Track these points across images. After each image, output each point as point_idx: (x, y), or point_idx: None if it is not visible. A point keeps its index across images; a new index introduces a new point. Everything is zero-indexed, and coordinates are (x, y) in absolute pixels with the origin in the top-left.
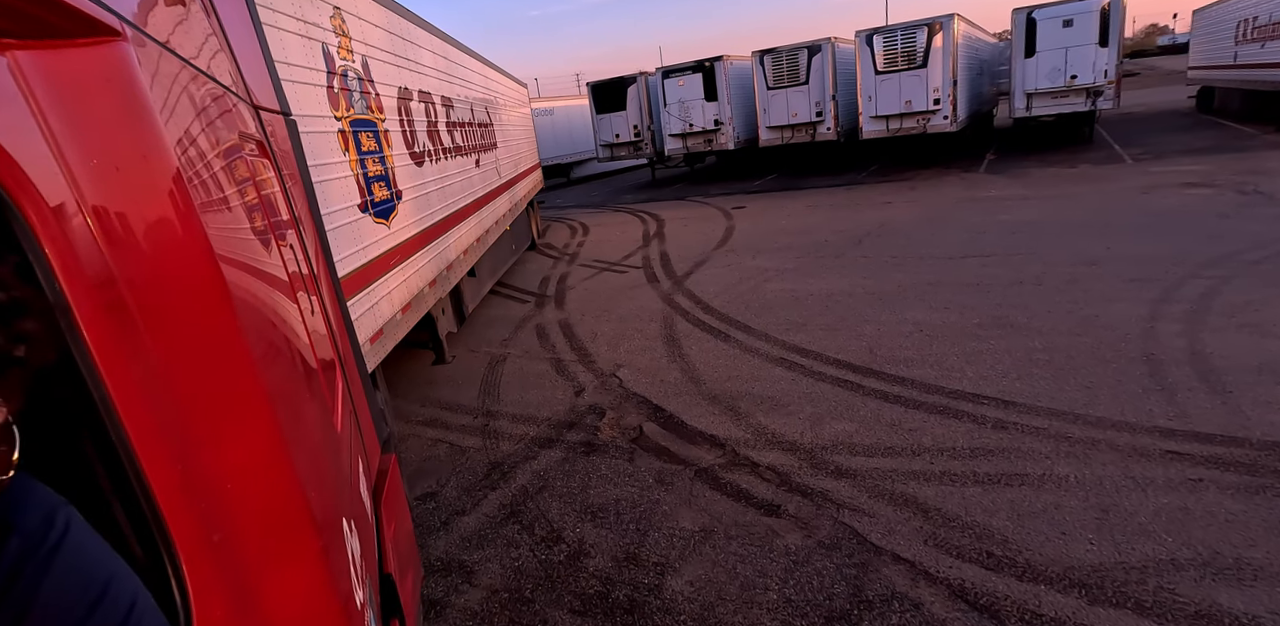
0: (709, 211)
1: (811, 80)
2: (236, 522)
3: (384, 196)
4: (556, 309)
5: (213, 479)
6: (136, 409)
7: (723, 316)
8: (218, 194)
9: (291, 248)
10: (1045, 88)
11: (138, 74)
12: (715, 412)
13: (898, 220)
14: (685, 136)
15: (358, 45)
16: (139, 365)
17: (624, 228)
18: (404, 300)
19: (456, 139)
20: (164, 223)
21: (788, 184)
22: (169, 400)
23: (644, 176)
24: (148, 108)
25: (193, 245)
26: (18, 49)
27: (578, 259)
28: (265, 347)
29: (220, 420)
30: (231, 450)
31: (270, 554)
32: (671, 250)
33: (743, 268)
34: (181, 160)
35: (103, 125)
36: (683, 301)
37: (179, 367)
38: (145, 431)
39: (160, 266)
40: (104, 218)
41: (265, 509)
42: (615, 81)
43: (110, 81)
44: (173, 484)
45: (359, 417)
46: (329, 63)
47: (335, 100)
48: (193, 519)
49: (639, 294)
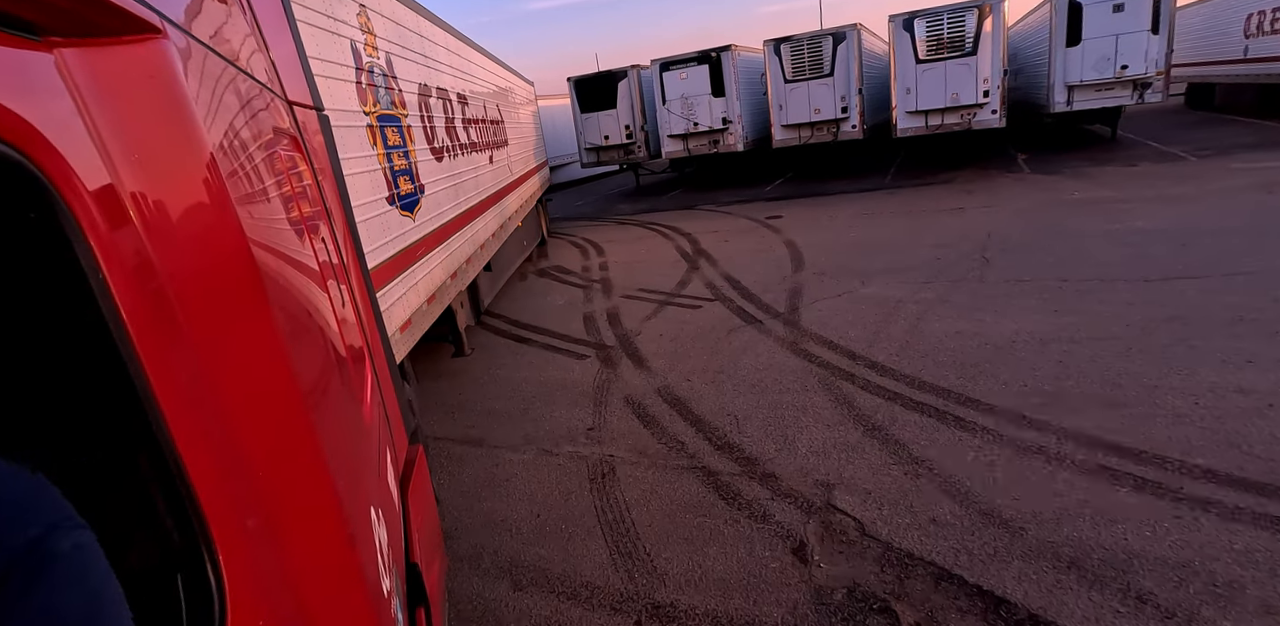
0: (741, 223)
1: (836, 72)
2: (270, 509)
3: (409, 190)
4: (636, 368)
5: (247, 466)
6: (176, 397)
7: (910, 379)
8: (254, 187)
9: (323, 239)
10: (1091, 79)
11: (178, 70)
12: (1091, 598)
13: (1002, 230)
14: (687, 137)
15: (382, 42)
16: (178, 354)
17: (646, 245)
18: (429, 291)
19: (472, 135)
20: (202, 215)
21: (807, 189)
22: (207, 388)
23: (624, 183)
24: (187, 103)
25: (230, 237)
26: (64, 47)
27: (614, 288)
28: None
29: (255, 409)
30: (265, 438)
31: (301, 540)
32: (737, 274)
33: (865, 298)
34: (219, 154)
35: (144, 120)
36: (825, 354)
37: (216, 357)
38: (184, 419)
39: (199, 258)
40: (145, 210)
41: (297, 496)
42: (603, 76)
43: (152, 78)
44: (209, 470)
45: (387, 408)
46: (357, 59)
47: (364, 95)
48: (228, 504)
49: (746, 341)
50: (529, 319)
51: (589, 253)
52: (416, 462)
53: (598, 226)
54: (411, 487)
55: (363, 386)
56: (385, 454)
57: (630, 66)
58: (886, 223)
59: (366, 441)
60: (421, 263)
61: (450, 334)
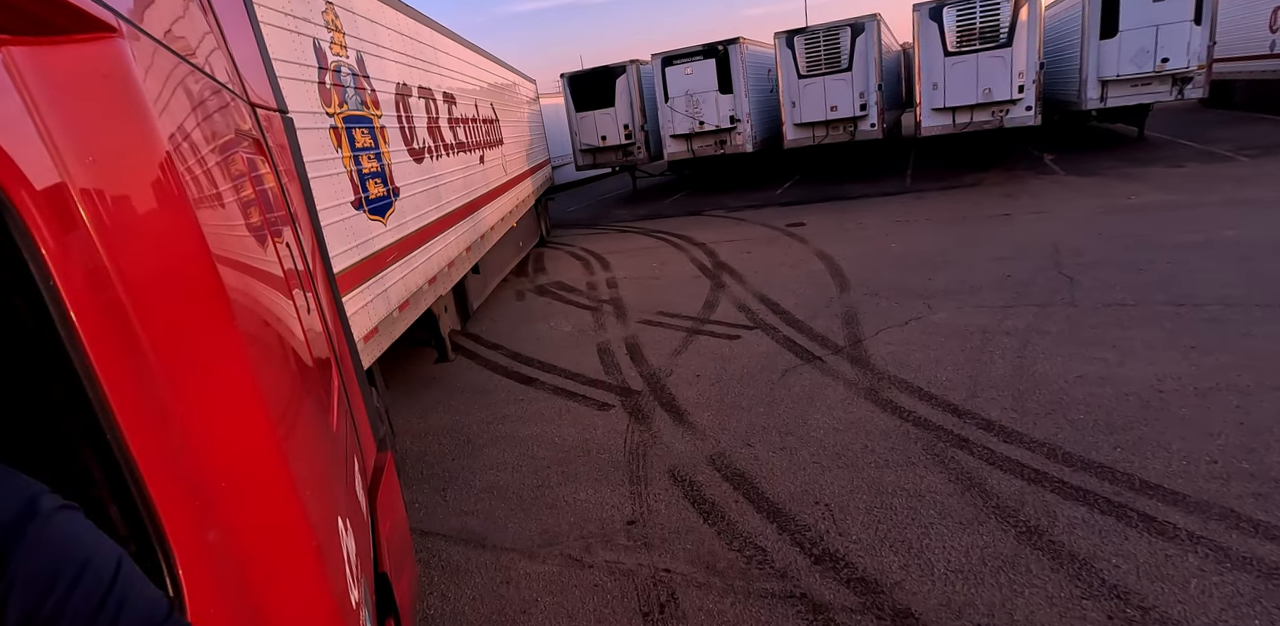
0: (759, 231)
1: (855, 66)
2: (231, 521)
3: (380, 193)
4: (676, 424)
5: (208, 477)
6: (131, 406)
7: (1048, 449)
8: (214, 191)
9: (288, 245)
10: (1129, 74)
11: (133, 70)
12: None
13: (1069, 240)
14: (691, 137)
15: (351, 40)
16: (134, 362)
17: (658, 257)
18: (401, 297)
19: (459, 135)
20: (160, 220)
21: (822, 192)
22: (164, 397)
23: (620, 186)
24: (144, 104)
25: (188, 242)
26: (13, 45)
27: (629, 311)
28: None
29: (215, 418)
30: (226, 448)
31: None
32: (772, 294)
33: (940, 328)
34: (177, 156)
35: (98, 122)
36: (918, 407)
37: (174, 365)
38: (140, 429)
39: (156, 263)
40: (99, 214)
41: (260, 507)
42: (600, 72)
43: (106, 78)
44: (168, 482)
45: (354, 415)
46: (320, 58)
47: (327, 96)
48: (188, 517)
49: (809, 387)
50: (532, 350)
51: (593, 266)
52: (385, 470)
53: (598, 235)
54: (380, 496)
55: (329, 393)
56: (353, 462)
57: (629, 61)
58: (927, 231)
59: (333, 449)
60: (394, 268)
61: (432, 338)
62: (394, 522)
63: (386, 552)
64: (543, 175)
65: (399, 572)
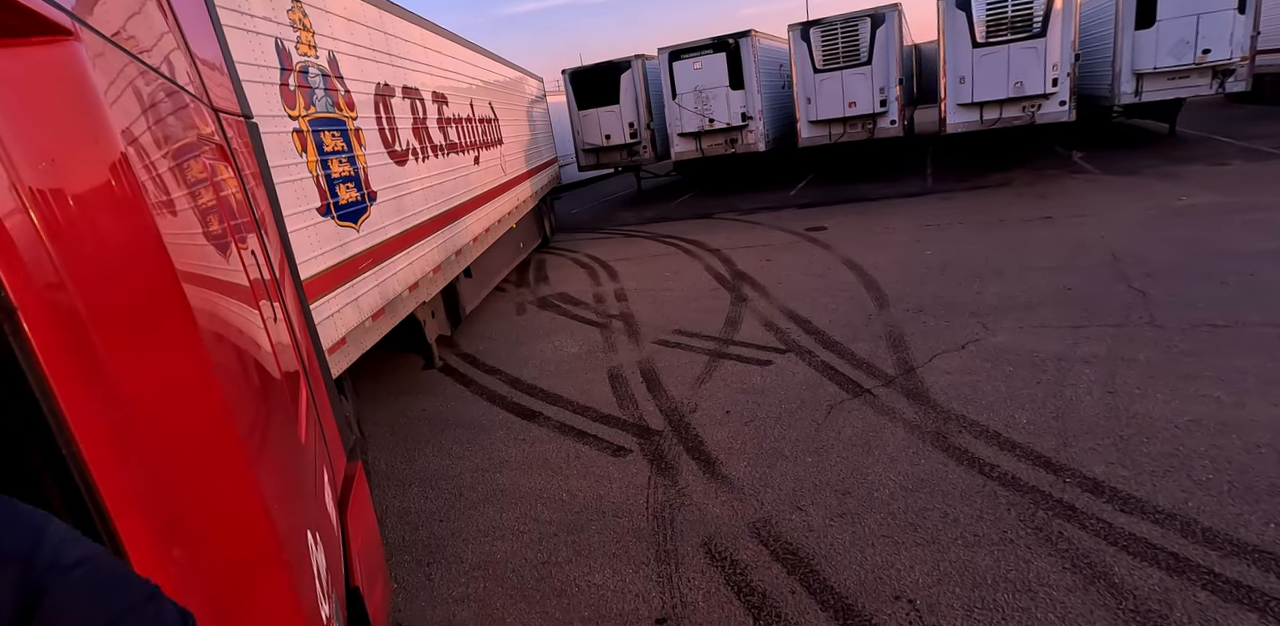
0: (777, 236)
1: (875, 59)
2: (196, 537)
3: (353, 198)
4: (707, 476)
5: (170, 493)
6: (87, 419)
7: (1183, 524)
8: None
9: (253, 252)
10: (1167, 66)
11: (90, 74)
12: None
13: (1127, 247)
14: (700, 136)
15: (323, 40)
16: (90, 373)
17: (669, 265)
18: (375, 306)
19: (451, 136)
20: (118, 226)
21: (839, 194)
22: (122, 410)
23: (623, 186)
24: (101, 109)
25: (148, 249)
26: None
27: (641, 328)
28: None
29: (177, 431)
30: (189, 462)
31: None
32: (801, 309)
33: (1003, 353)
34: (135, 161)
35: (54, 126)
36: (999, 458)
37: (133, 375)
38: (98, 444)
39: (113, 271)
40: (54, 221)
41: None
42: (604, 67)
43: (61, 82)
44: (128, 498)
45: (323, 425)
46: (284, 59)
47: (291, 98)
48: (150, 534)
49: (862, 429)
50: (534, 376)
51: (599, 275)
52: (355, 480)
53: (602, 240)
54: (351, 507)
55: (296, 403)
56: (323, 473)
57: (634, 56)
58: (962, 236)
59: (302, 461)
60: (366, 275)
61: (418, 344)
62: (365, 535)
63: (358, 566)
64: (548, 174)
65: (371, 586)
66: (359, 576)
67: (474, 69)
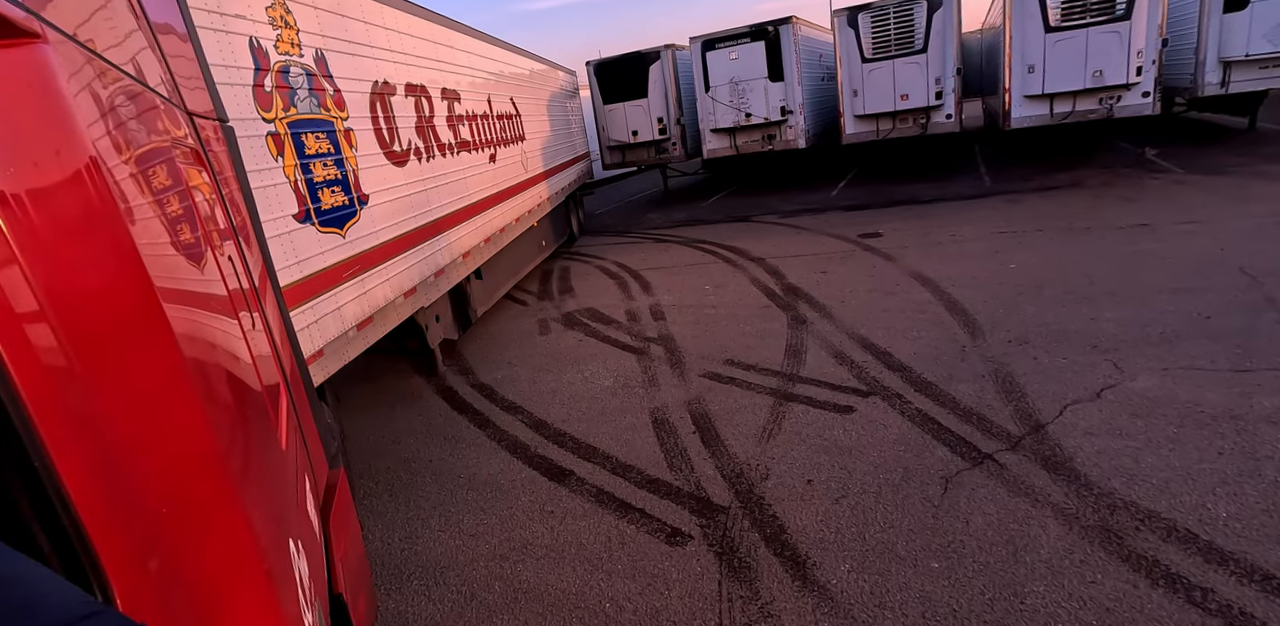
0: (826, 243)
1: (931, 47)
2: (174, 548)
3: (338, 203)
4: (799, 589)
5: (146, 503)
6: (59, 431)
7: None
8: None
9: (230, 259)
10: (1261, 52)
11: (59, 78)
12: None
13: (1269, 266)
14: (734, 132)
15: (309, 37)
16: (60, 381)
17: (709, 276)
18: (360, 315)
19: (463, 134)
20: (89, 234)
21: (886, 194)
22: (96, 420)
23: (646, 185)
24: (69, 113)
25: (120, 256)
26: None
27: (686, 357)
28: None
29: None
30: (166, 471)
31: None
32: (876, 337)
33: (1158, 406)
34: (106, 168)
35: (21, 131)
36: (1215, 581)
37: (106, 385)
38: (70, 455)
39: (85, 279)
40: (20, 228)
41: (205, 532)
42: (631, 59)
43: (29, 86)
44: (101, 510)
45: (305, 432)
46: (259, 58)
47: (266, 100)
48: (126, 546)
49: (996, 518)
50: (562, 417)
51: (630, 287)
52: (338, 488)
53: (631, 245)
54: (333, 515)
55: (277, 411)
56: (304, 481)
57: (664, 46)
58: (1048, 247)
59: (282, 470)
60: (350, 284)
61: (420, 350)
62: (349, 542)
63: (342, 573)
64: (577, 170)
65: (355, 594)
66: (343, 584)
67: (492, 63)
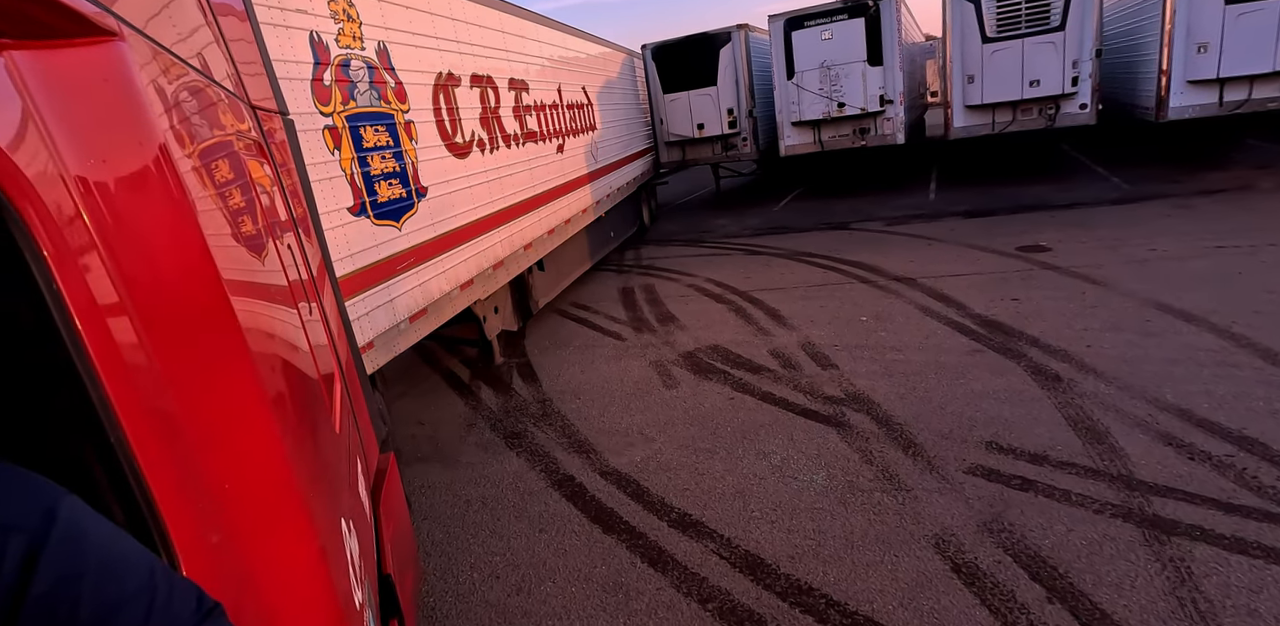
0: (983, 259)
1: (1069, 24)
2: (235, 524)
3: (395, 195)
4: None
5: (211, 481)
6: (134, 410)
7: None
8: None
9: (290, 248)
10: None
11: (134, 74)
12: None
13: None
14: (819, 125)
15: (372, 30)
16: (137, 364)
17: (852, 303)
18: (415, 307)
19: (530, 124)
20: (162, 224)
21: (1001, 199)
22: (167, 401)
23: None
24: (144, 108)
25: (191, 245)
26: (15, 49)
27: (911, 434)
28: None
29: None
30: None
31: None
32: (1203, 409)
33: None
34: (179, 160)
35: (100, 126)
36: None
37: (177, 368)
38: (144, 433)
39: (158, 266)
40: (101, 219)
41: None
42: (696, 41)
43: (107, 81)
44: (171, 485)
45: (357, 417)
46: (319, 52)
47: (325, 94)
48: (191, 520)
49: None
50: (782, 550)
51: (751, 316)
52: (388, 471)
53: (717, 257)
54: (383, 497)
55: (332, 395)
56: (356, 464)
57: (736, 26)
58: None
59: (336, 452)
60: (406, 276)
61: (479, 340)
62: (397, 523)
63: (390, 553)
64: (646, 162)
65: (403, 573)
66: (391, 563)
67: (562, 51)
